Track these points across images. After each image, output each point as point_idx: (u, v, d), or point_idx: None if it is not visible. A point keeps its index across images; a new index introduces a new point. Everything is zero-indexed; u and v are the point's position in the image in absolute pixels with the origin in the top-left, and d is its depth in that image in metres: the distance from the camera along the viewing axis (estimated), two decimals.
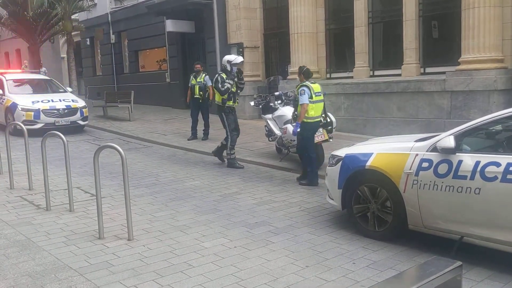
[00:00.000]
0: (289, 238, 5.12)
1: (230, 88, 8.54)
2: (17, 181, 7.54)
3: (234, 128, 8.85)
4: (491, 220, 4.14)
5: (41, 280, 4.06)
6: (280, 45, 14.62)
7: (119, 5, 20.16)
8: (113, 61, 21.41)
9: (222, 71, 8.79)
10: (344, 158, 5.35)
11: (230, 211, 6.11)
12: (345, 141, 9.05)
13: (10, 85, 13.59)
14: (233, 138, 8.76)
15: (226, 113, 8.72)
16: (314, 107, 7.37)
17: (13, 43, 29.96)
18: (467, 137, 4.50)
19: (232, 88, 8.60)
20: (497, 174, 4.04)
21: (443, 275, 1.67)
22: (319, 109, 7.52)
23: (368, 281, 4.04)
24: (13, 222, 5.69)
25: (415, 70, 10.85)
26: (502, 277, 4.05)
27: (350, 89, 11.57)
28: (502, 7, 9.25)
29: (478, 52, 9.28)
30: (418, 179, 4.54)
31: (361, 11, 11.73)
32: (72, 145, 10.51)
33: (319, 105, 7.51)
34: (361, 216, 5.18)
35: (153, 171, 8.54)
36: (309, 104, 7.27)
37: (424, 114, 10.24)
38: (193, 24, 16.42)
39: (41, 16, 19.99)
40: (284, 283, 4.00)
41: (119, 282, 4.02)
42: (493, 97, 9.14)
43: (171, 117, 15.58)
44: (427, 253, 4.56)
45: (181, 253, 4.69)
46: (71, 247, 4.86)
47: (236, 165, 8.74)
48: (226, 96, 8.56)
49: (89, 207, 6.21)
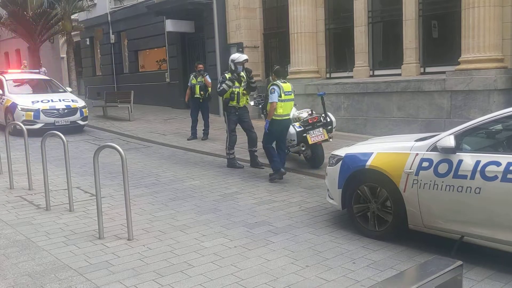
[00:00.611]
0: (289, 238, 5.11)
1: (227, 89, 8.39)
2: (17, 181, 7.54)
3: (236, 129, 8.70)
4: (491, 220, 4.13)
5: (41, 280, 4.05)
6: (280, 44, 14.63)
7: (119, 5, 20.15)
8: (112, 61, 21.41)
9: (228, 71, 8.67)
10: (344, 158, 5.34)
11: (230, 211, 6.11)
12: (345, 141, 9.05)
13: (10, 85, 13.58)
14: (232, 138, 8.67)
15: (228, 113, 8.63)
16: (283, 105, 7.62)
17: (13, 43, 29.96)
18: (467, 137, 4.50)
19: (234, 88, 8.42)
20: (497, 174, 4.03)
21: (443, 274, 1.66)
22: (288, 108, 7.78)
23: (368, 280, 4.04)
24: (13, 222, 5.68)
25: (415, 69, 10.85)
26: (503, 277, 4.05)
27: (350, 88, 11.57)
28: (502, 7, 9.25)
29: (478, 52, 9.28)
30: (418, 178, 4.54)
31: (361, 10, 11.73)
32: (72, 145, 10.50)
33: (288, 104, 7.76)
34: (361, 215, 5.17)
35: (153, 171, 8.54)
36: (278, 103, 7.51)
37: (424, 113, 10.24)
38: (192, 24, 16.42)
39: (40, 16, 19.99)
40: (284, 283, 4.00)
41: (119, 282, 4.02)
42: (493, 97, 9.14)
43: (171, 117, 15.58)
44: (427, 253, 4.56)
45: (181, 253, 4.69)
46: (71, 247, 4.86)
47: (236, 165, 8.70)
48: (228, 95, 8.45)
49: (89, 207, 6.21)
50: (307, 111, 8.57)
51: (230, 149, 8.74)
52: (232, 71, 8.52)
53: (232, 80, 8.42)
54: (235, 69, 8.50)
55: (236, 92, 8.47)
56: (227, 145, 8.74)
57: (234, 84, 8.43)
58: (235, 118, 8.65)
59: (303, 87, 12.23)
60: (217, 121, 14.34)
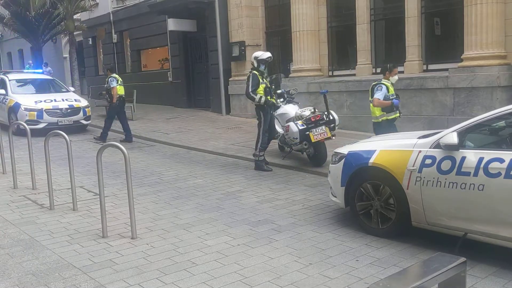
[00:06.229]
0: (292, 235, 5.11)
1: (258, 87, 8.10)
2: (21, 180, 7.57)
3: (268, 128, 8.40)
4: (494, 217, 4.12)
5: (45, 279, 4.07)
6: (282, 43, 14.60)
7: (121, 5, 20.16)
8: (115, 61, 21.41)
9: (253, 69, 8.31)
10: (347, 156, 5.34)
11: (233, 209, 6.12)
12: (348, 139, 9.04)
13: (13, 85, 13.62)
14: (264, 139, 8.31)
15: (265, 112, 8.27)
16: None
17: (16, 43, 30.04)
18: (470, 134, 4.48)
19: (262, 84, 8.15)
20: (500, 170, 4.02)
21: (447, 271, 1.67)
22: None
23: (371, 278, 4.04)
24: (17, 221, 5.70)
25: (418, 67, 10.82)
26: (506, 274, 4.04)
27: (352, 86, 11.55)
28: (505, 3, 9.21)
29: (481, 49, 9.25)
30: (421, 175, 4.53)
31: (363, 8, 11.71)
32: (75, 144, 10.52)
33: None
34: (364, 213, 5.17)
35: (156, 170, 8.55)
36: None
37: (427, 111, 10.21)
38: (195, 23, 16.41)
39: (43, 16, 20.04)
40: (287, 281, 4.00)
41: (123, 281, 4.03)
42: (496, 94, 9.11)
43: (174, 116, 15.59)
44: (430, 250, 4.55)
45: (184, 251, 4.69)
46: (74, 245, 4.88)
47: (264, 168, 8.26)
48: (263, 92, 8.10)
49: (93, 206, 6.23)
50: (309, 109, 8.54)
51: (261, 151, 8.34)
52: (254, 68, 8.32)
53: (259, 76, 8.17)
54: (258, 66, 8.29)
55: (266, 87, 8.22)
56: (259, 147, 8.32)
57: (262, 80, 8.20)
58: (270, 116, 8.39)
59: (305, 85, 12.22)
60: (219, 120, 14.36)
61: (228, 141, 11.04)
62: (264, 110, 8.30)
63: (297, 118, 8.36)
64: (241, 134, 11.89)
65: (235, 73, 15.03)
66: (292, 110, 8.89)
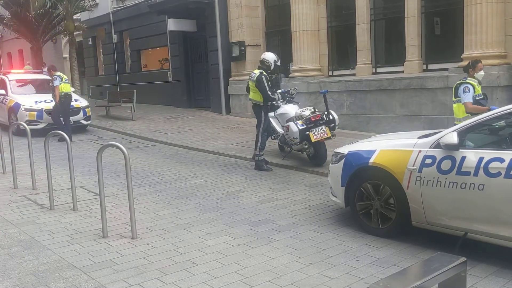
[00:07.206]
0: (292, 235, 5.11)
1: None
2: (21, 180, 7.57)
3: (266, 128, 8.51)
4: (495, 216, 4.12)
5: (46, 279, 4.07)
6: (282, 43, 14.59)
7: (121, 5, 20.16)
8: (115, 61, 21.42)
9: (262, 70, 8.39)
10: (347, 155, 5.34)
11: (233, 209, 6.12)
12: (348, 139, 9.04)
13: (13, 85, 13.62)
14: (264, 139, 8.36)
15: (266, 111, 8.40)
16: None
17: (16, 44, 30.04)
18: (471, 133, 4.49)
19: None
20: (500, 170, 4.02)
21: (447, 271, 1.67)
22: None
23: (372, 278, 4.04)
24: (17, 221, 5.71)
25: (418, 66, 10.82)
26: (506, 273, 4.04)
27: (352, 86, 11.55)
28: (505, 3, 9.22)
29: (481, 48, 9.25)
30: (422, 175, 4.53)
31: (363, 8, 11.71)
32: (75, 144, 10.53)
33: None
34: (365, 213, 5.17)
35: (156, 170, 8.55)
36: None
37: (427, 110, 10.22)
38: (194, 23, 16.42)
39: (43, 16, 20.05)
40: (287, 281, 4.00)
41: (123, 281, 4.03)
42: (496, 93, 9.11)
43: (174, 116, 15.59)
44: (431, 250, 4.55)
45: (184, 251, 4.70)
46: (75, 246, 4.88)
47: (264, 168, 8.28)
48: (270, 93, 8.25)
49: (93, 206, 6.23)
50: (309, 109, 8.55)
51: (261, 150, 8.37)
52: (264, 68, 8.39)
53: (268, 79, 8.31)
54: (271, 68, 8.48)
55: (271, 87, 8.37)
56: (259, 146, 8.34)
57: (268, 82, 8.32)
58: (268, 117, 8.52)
59: (305, 85, 12.22)
60: (219, 120, 14.37)
61: (228, 141, 11.04)
62: (265, 110, 8.36)
63: (297, 118, 8.37)
64: (241, 134, 11.89)
65: (235, 73, 15.03)
66: (292, 110, 8.89)
